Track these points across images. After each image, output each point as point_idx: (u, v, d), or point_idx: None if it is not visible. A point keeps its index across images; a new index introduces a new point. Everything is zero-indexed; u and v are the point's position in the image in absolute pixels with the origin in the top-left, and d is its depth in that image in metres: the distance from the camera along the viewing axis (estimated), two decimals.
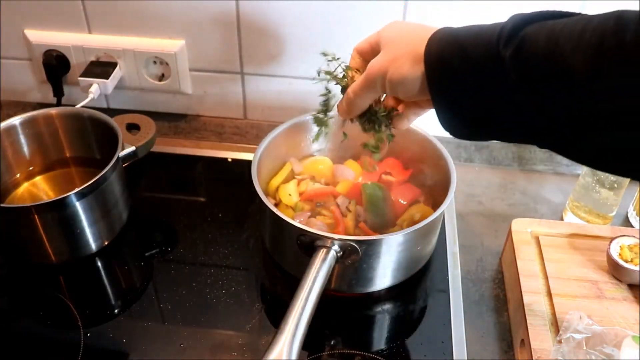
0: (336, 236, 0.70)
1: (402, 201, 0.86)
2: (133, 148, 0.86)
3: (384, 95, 0.67)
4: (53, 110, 0.91)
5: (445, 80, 0.54)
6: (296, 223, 0.73)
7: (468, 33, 0.53)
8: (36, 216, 0.77)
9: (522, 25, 0.50)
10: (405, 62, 0.58)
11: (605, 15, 0.45)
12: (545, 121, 0.49)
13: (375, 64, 0.62)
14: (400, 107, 0.67)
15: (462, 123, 0.56)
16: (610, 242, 0.79)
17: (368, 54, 0.66)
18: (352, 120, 0.70)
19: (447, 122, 0.57)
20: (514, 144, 1.02)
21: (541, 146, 0.53)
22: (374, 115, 0.68)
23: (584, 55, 0.45)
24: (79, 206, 0.79)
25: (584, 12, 0.50)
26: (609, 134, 0.46)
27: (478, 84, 0.52)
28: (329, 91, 0.73)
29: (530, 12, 0.51)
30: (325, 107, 0.75)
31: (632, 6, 0.45)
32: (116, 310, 0.80)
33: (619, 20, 0.44)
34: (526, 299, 0.75)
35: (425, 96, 0.60)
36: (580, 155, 0.51)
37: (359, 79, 0.64)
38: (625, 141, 0.46)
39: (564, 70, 0.46)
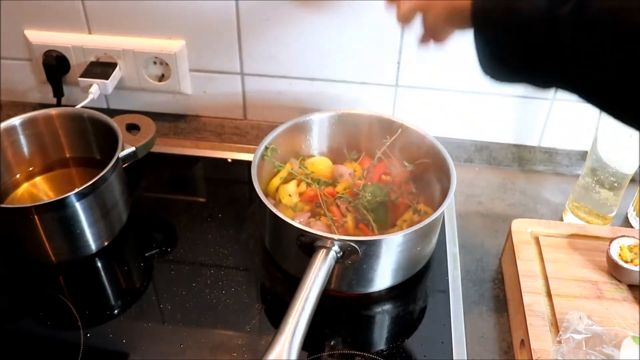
0: (336, 236, 0.71)
1: (402, 201, 0.86)
2: (133, 148, 0.87)
3: None
4: (53, 111, 0.91)
5: (490, 36, 0.52)
6: (296, 223, 0.73)
7: None
8: (36, 216, 0.77)
9: None
10: (442, 12, 0.58)
11: None
12: (598, 80, 0.45)
13: (409, 4, 0.63)
14: None
15: (500, 68, 0.54)
16: (610, 242, 0.79)
17: None
18: None
19: (486, 64, 0.55)
20: (514, 145, 1.02)
21: (586, 100, 0.49)
22: None
23: None
24: (78, 206, 0.79)
25: None
26: None
27: (524, 42, 0.49)
28: None
29: None
30: None
31: None
32: (116, 311, 0.80)
33: None
34: (526, 299, 0.75)
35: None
36: (628, 116, 0.47)
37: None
38: None
39: (631, 31, 0.41)
